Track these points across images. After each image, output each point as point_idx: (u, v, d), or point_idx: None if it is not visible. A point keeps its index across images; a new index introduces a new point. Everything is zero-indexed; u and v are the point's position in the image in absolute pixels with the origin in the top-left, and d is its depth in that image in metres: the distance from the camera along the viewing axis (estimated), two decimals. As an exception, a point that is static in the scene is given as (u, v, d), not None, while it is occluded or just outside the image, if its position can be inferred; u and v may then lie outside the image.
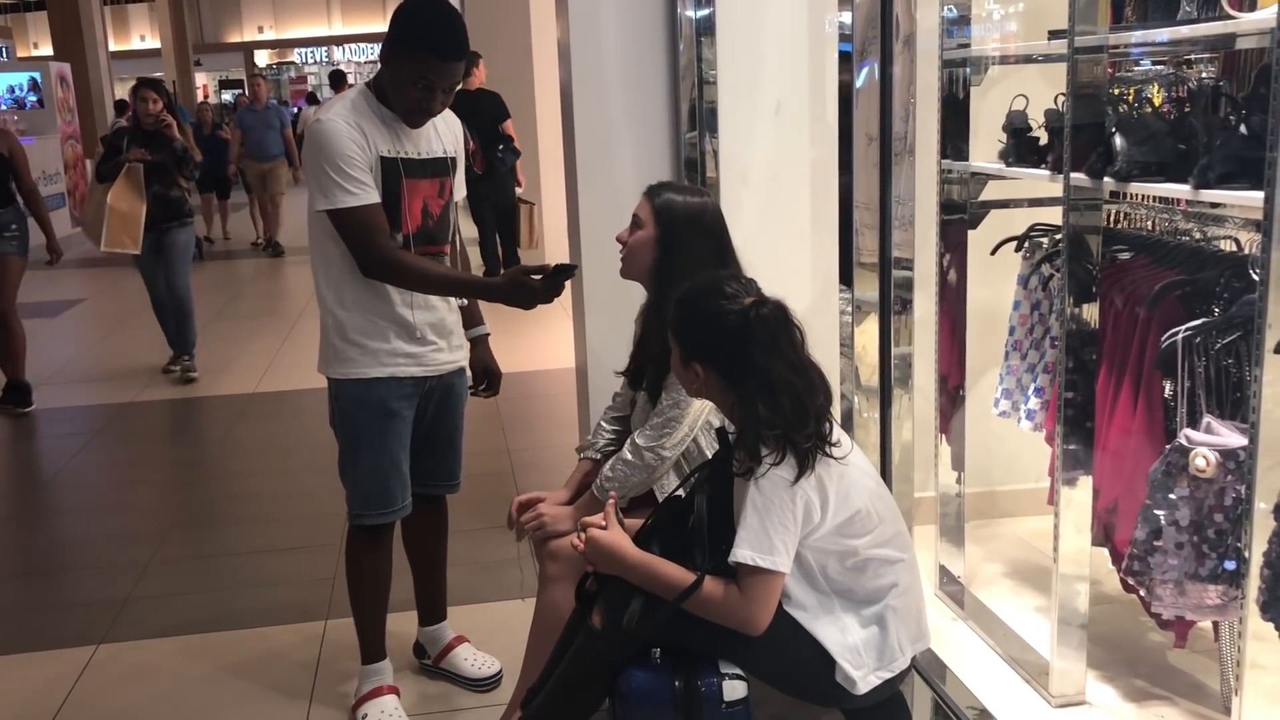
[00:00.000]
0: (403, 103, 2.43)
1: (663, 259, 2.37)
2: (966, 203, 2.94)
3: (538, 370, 5.92)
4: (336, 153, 2.37)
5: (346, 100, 2.47)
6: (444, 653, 2.88)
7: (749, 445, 1.91)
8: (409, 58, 2.37)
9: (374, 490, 2.58)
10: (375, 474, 2.57)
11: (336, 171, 2.37)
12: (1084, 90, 2.24)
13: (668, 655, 1.98)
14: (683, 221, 2.37)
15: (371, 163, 2.42)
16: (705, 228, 2.38)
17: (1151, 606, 2.22)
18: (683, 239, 2.36)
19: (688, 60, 3.47)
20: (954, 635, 2.79)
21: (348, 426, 2.58)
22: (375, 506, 2.59)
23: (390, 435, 2.56)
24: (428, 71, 2.37)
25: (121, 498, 4.60)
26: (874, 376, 2.83)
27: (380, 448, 2.56)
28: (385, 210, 2.44)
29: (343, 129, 2.38)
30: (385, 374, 2.53)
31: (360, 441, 2.56)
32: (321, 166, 2.39)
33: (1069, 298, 2.33)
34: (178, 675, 3.00)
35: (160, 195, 5.99)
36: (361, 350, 2.51)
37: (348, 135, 2.38)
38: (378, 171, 2.43)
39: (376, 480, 2.57)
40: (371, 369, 2.52)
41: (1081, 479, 2.36)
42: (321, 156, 2.38)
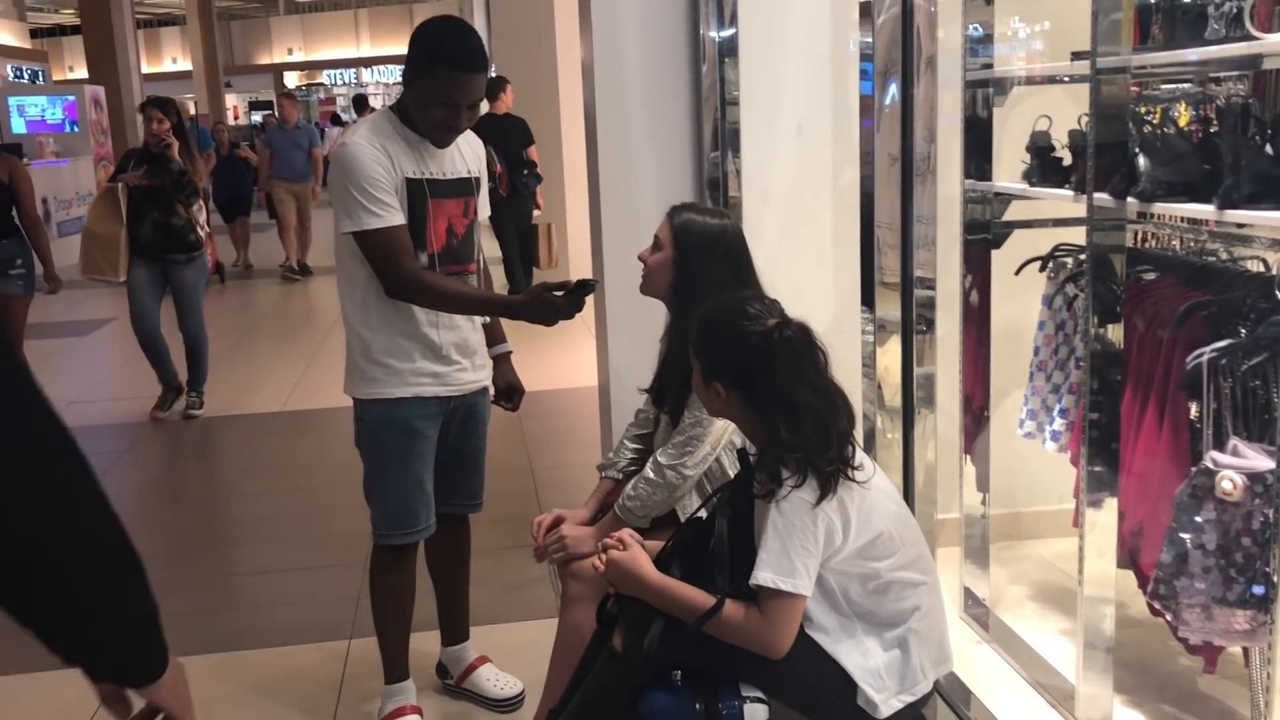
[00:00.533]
0: (429, 122, 2.45)
1: (681, 280, 2.38)
2: (990, 222, 2.93)
3: (561, 389, 5.94)
4: (362, 175, 2.40)
5: (371, 123, 2.51)
6: (466, 673, 2.89)
7: (770, 468, 1.91)
8: (430, 76, 2.40)
9: (398, 510, 2.59)
10: (399, 494, 2.58)
11: (361, 194, 2.40)
12: (1107, 111, 2.23)
13: (689, 677, 1.97)
14: (701, 244, 2.38)
15: (397, 184, 2.44)
16: (724, 250, 2.39)
17: (1179, 631, 2.19)
18: (701, 261, 2.37)
19: (710, 81, 3.49)
20: (978, 659, 2.77)
21: (373, 446, 2.59)
22: (399, 526, 2.60)
23: (414, 455, 2.58)
24: (450, 87, 2.40)
25: (148, 516, 4.64)
26: (896, 397, 2.82)
27: (404, 467, 2.57)
28: (411, 231, 2.47)
29: (368, 151, 2.41)
30: (410, 394, 2.54)
31: (385, 461, 2.58)
32: (347, 189, 2.42)
33: (1093, 318, 2.32)
34: (203, 694, 2.99)
35: (160, 223, 5.59)
36: (387, 370, 2.53)
37: (373, 158, 2.41)
38: (403, 193, 2.45)
39: (400, 500, 2.59)
40: (396, 389, 2.54)
41: (1107, 501, 2.34)
42: (347, 179, 2.42)
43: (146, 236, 5.57)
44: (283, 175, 10.66)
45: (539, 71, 9.26)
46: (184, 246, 5.68)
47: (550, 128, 9.15)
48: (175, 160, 5.48)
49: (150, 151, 5.58)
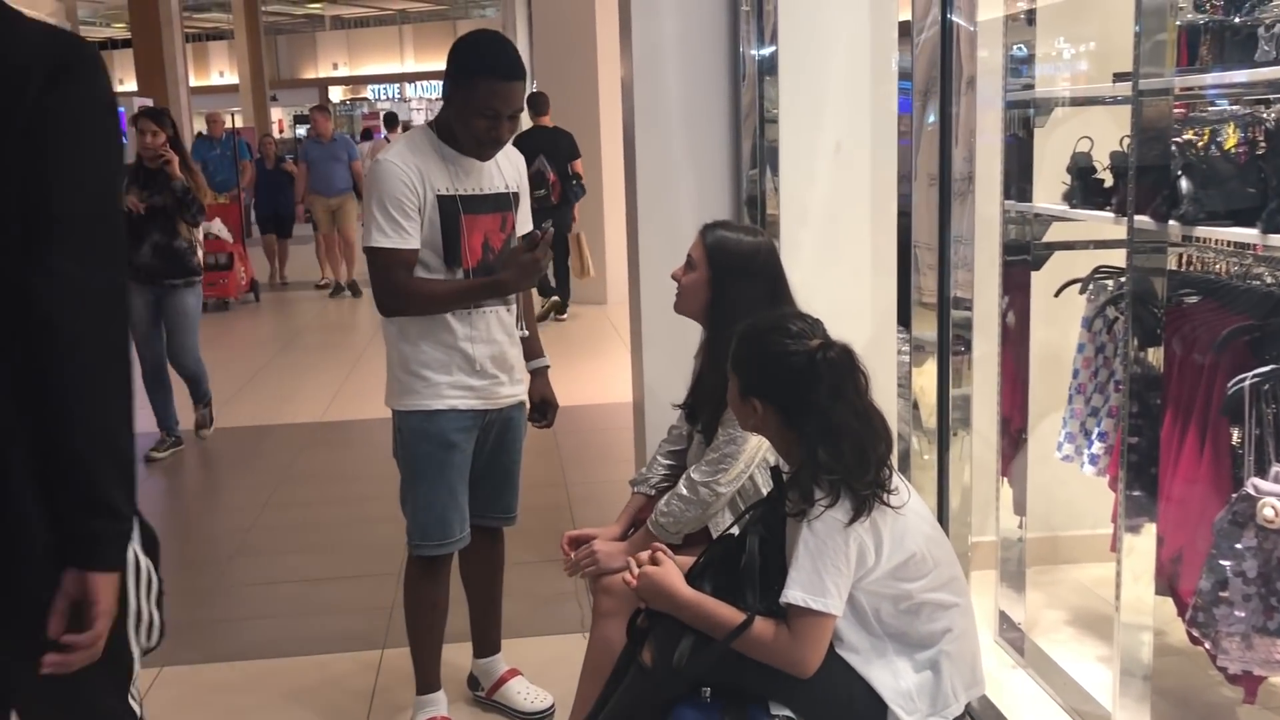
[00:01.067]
0: (472, 135, 2.48)
1: (715, 300, 2.38)
2: (1030, 244, 2.92)
3: (596, 405, 5.95)
4: (385, 193, 2.46)
5: (407, 140, 2.56)
6: (497, 685, 2.89)
7: (803, 487, 1.90)
8: (471, 87, 2.43)
9: (432, 521, 2.61)
10: (433, 505, 2.60)
11: (380, 211, 2.46)
12: (1149, 133, 2.21)
13: (718, 694, 1.96)
14: (735, 263, 2.38)
15: (425, 203, 2.48)
16: (757, 269, 2.38)
17: (1218, 660, 2.15)
18: (735, 281, 2.36)
19: (750, 99, 3.50)
20: (1013, 683, 2.74)
21: (409, 458, 2.62)
22: (433, 537, 2.62)
23: (450, 467, 2.60)
24: (491, 98, 2.43)
25: (187, 523, 4.70)
26: (932, 418, 2.80)
27: (439, 479, 2.59)
28: (444, 245, 2.50)
29: (396, 170, 2.46)
30: (446, 406, 2.56)
31: (420, 473, 2.60)
32: (370, 205, 2.49)
33: (1133, 341, 2.29)
34: (236, 700, 3.05)
35: (161, 245, 5.19)
36: (425, 383, 2.56)
37: (399, 176, 2.45)
38: (434, 210, 2.48)
39: (434, 511, 2.60)
40: (433, 401, 2.56)
41: (1145, 526, 2.31)
42: (372, 195, 2.48)
43: (144, 260, 5.14)
44: (319, 189, 10.35)
45: (580, 87, 9.32)
46: (184, 270, 5.29)
47: (590, 144, 9.21)
48: (177, 177, 5.11)
49: (146, 168, 5.20)
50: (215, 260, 9.52)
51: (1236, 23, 2.30)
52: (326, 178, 10.26)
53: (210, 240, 9.17)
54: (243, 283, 10.08)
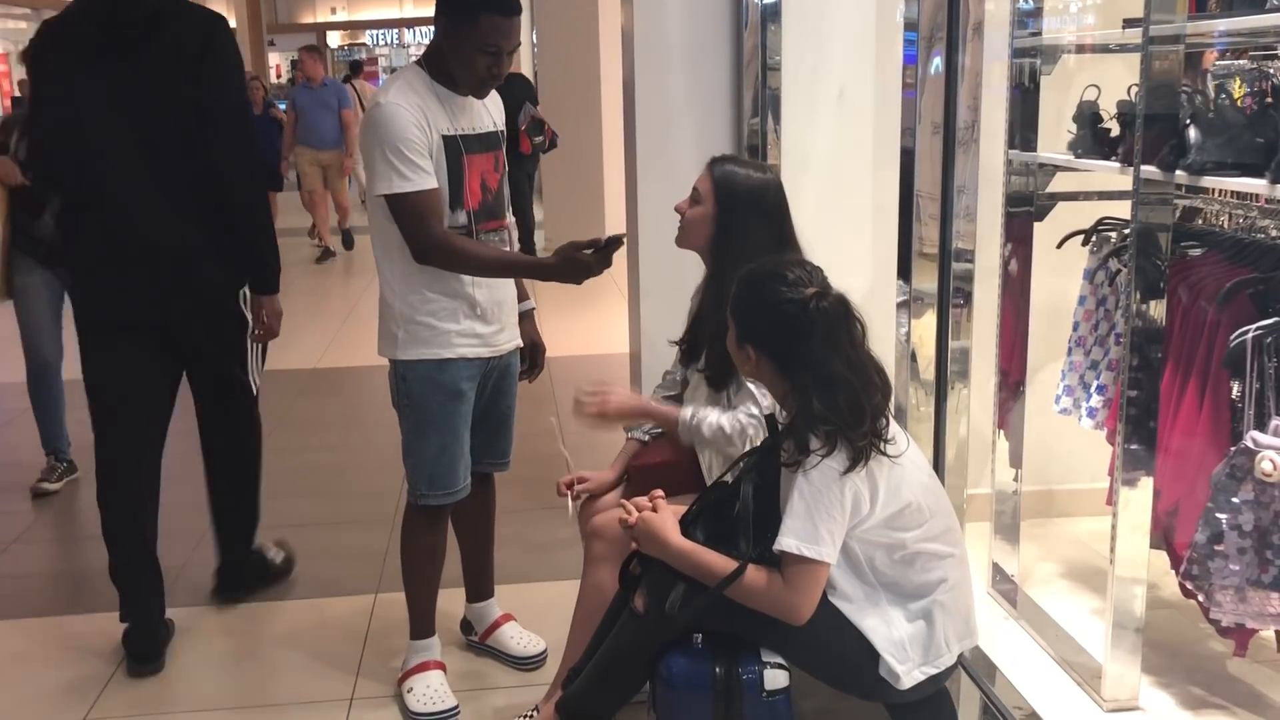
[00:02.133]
0: (471, 73, 2.43)
1: (720, 236, 2.35)
2: (1033, 194, 2.88)
3: (592, 355, 5.93)
4: (397, 136, 2.37)
5: (404, 81, 2.47)
6: (490, 630, 2.90)
7: (798, 437, 1.89)
8: (472, 23, 2.37)
9: (440, 471, 2.59)
10: (443, 455, 2.58)
11: (396, 155, 2.37)
12: (1158, 81, 2.17)
13: (709, 641, 1.97)
14: (743, 199, 2.35)
15: (432, 144, 2.42)
16: (766, 207, 2.36)
17: (1210, 613, 2.16)
18: (742, 218, 2.33)
19: (752, 45, 3.44)
20: (1005, 635, 2.75)
21: (418, 408, 2.57)
22: (440, 487, 2.60)
23: (458, 416, 2.58)
24: (495, 33, 2.38)
25: (182, 468, 4.67)
26: (930, 369, 2.78)
27: (449, 428, 2.57)
28: (449, 188, 2.46)
29: (403, 112, 2.38)
30: (456, 355, 2.54)
31: (428, 422, 2.57)
32: (381, 150, 2.39)
33: (1135, 294, 2.27)
34: (230, 642, 3.06)
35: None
36: (433, 331, 2.52)
37: (409, 119, 2.38)
38: (440, 151, 2.43)
39: (443, 461, 2.58)
40: (443, 350, 2.53)
41: (1142, 479, 2.30)
42: (382, 140, 2.39)
43: (44, 233, 3.91)
44: (309, 141, 9.32)
45: (581, 35, 9.20)
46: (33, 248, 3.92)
47: (590, 92, 9.11)
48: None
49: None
50: None
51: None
52: (315, 128, 9.25)
53: None
54: None
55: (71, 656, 3.00)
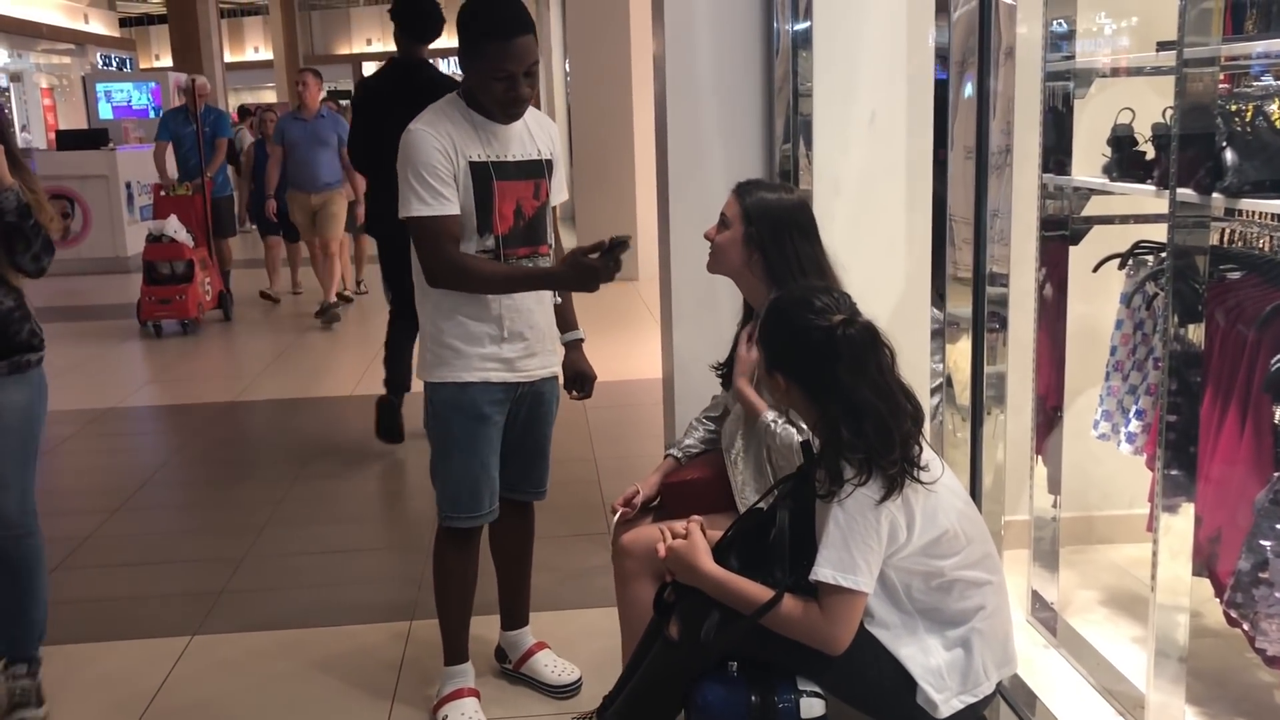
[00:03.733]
0: (492, 99, 2.47)
1: (750, 260, 2.36)
2: (1068, 218, 2.86)
3: (626, 380, 5.94)
4: (420, 161, 2.43)
5: (437, 109, 2.54)
6: (524, 658, 2.90)
7: (830, 466, 1.88)
8: (479, 52, 2.42)
9: (462, 493, 2.61)
10: (464, 478, 2.60)
11: (417, 179, 2.43)
12: (1193, 103, 2.16)
13: (745, 669, 1.96)
14: (771, 221, 2.36)
15: (458, 170, 2.46)
16: (795, 227, 2.37)
17: (1256, 641, 2.12)
18: (771, 239, 2.34)
19: (784, 72, 3.46)
20: (1045, 663, 2.71)
21: (441, 429, 2.62)
22: (463, 510, 2.63)
23: (481, 439, 2.60)
24: (501, 59, 2.41)
25: (220, 494, 4.74)
26: (966, 394, 2.76)
27: (471, 451, 2.59)
28: (477, 212, 2.49)
29: (429, 137, 2.44)
30: (478, 378, 2.56)
31: (452, 445, 2.60)
32: (406, 175, 2.46)
33: (1173, 317, 2.25)
34: (267, 668, 3.08)
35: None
36: (456, 354, 2.56)
37: (432, 143, 2.44)
38: (466, 176, 2.47)
39: (465, 484, 2.61)
40: (465, 373, 2.56)
41: (1183, 506, 2.27)
42: (407, 164, 2.46)
43: None
44: (299, 183, 7.81)
45: (613, 61, 9.27)
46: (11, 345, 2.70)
47: (623, 118, 9.17)
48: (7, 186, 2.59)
49: None
50: (171, 270, 7.86)
51: (1286, -7, 2.23)
52: (307, 167, 7.74)
53: (162, 245, 7.83)
54: (207, 298, 8.13)
55: (111, 682, 3.03)
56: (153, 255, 7.87)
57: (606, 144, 9.42)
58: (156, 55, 29.70)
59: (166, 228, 7.83)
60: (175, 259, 7.83)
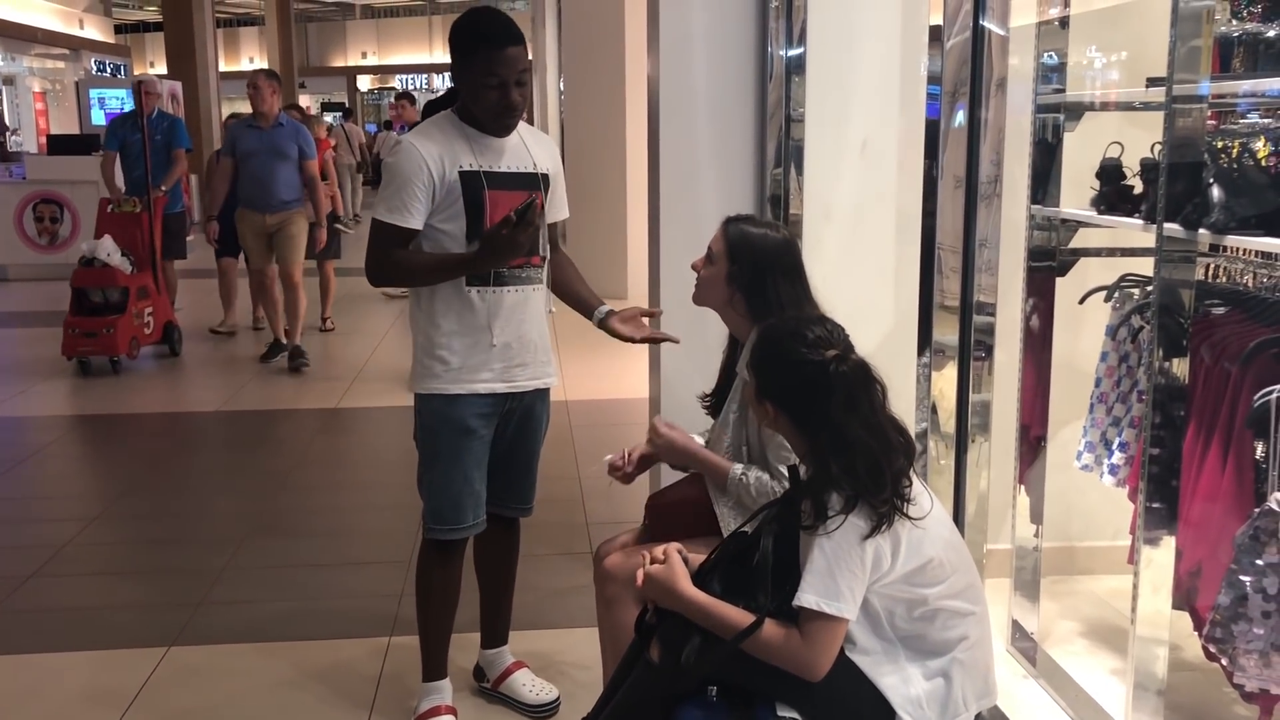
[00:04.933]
0: (486, 110, 2.50)
1: (734, 296, 2.37)
2: (1055, 249, 2.88)
3: (612, 399, 5.94)
4: (399, 170, 2.50)
5: (431, 122, 2.59)
6: (503, 677, 2.89)
7: (815, 499, 1.88)
8: (471, 61, 2.46)
9: (446, 506, 2.61)
10: (448, 489, 2.60)
11: (389, 188, 2.51)
12: (1181, 139, 2.18)
13: (724, 694, 1.95)
14: (756, 259, 2.37)
15: (446, 180, 2.50)
16: (781, 266, 2.37)
17: (1234, 677, 2.12)
18: (756, 277, 2.35)
19: (776, 98, 3.47)
20: (1024, 694, 2.71)
21: (428, 441, 2.63)
22: (447, 521, 2.62)
23: (466, 452, 2.60)
24: (493, 65, 2.44)
25: (203, 504, 4.72)
26: (951, 422, 2.78)
27: (455, 464, 2.59)
28: (468, 220, 2.52)
29: (414, 151, 2.50)
30: (466, 390, 2.57)
31: (438, 457, 2.61)
32: (384, 180, 2.54)
33: (1158, 351, 2.26)
34: (245, 681, 3.05)
35: None
36: (445, 366, 2.57)
37: (415, 157, 2.49)
38: (455, 185, 2.51)
39: (450, 496, 2.61)
40: (452, 385, 2.57)
41: (1164, 539, 2.28)
42: (387, 171, 2.54)
43: None
44: (253, 202, 6.70)
45: (608, 81, 9.31)
46: None
47: (615, 138, 9.19)
48: None
49: None
50: (103, 299, 6.82)
51: (1271, 35, 2.26)
52: (262, 182, 6.63)
53: (93, 269, 6.78)
54: (146, 331, 7.06)
55: (86, 691, 3.00)
56: (82, 281, 6.82)
57: (599, 163, 9.44)
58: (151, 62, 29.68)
59: (99, 250, 6.78)
60: (108, 285, 6.81)
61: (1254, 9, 2.34)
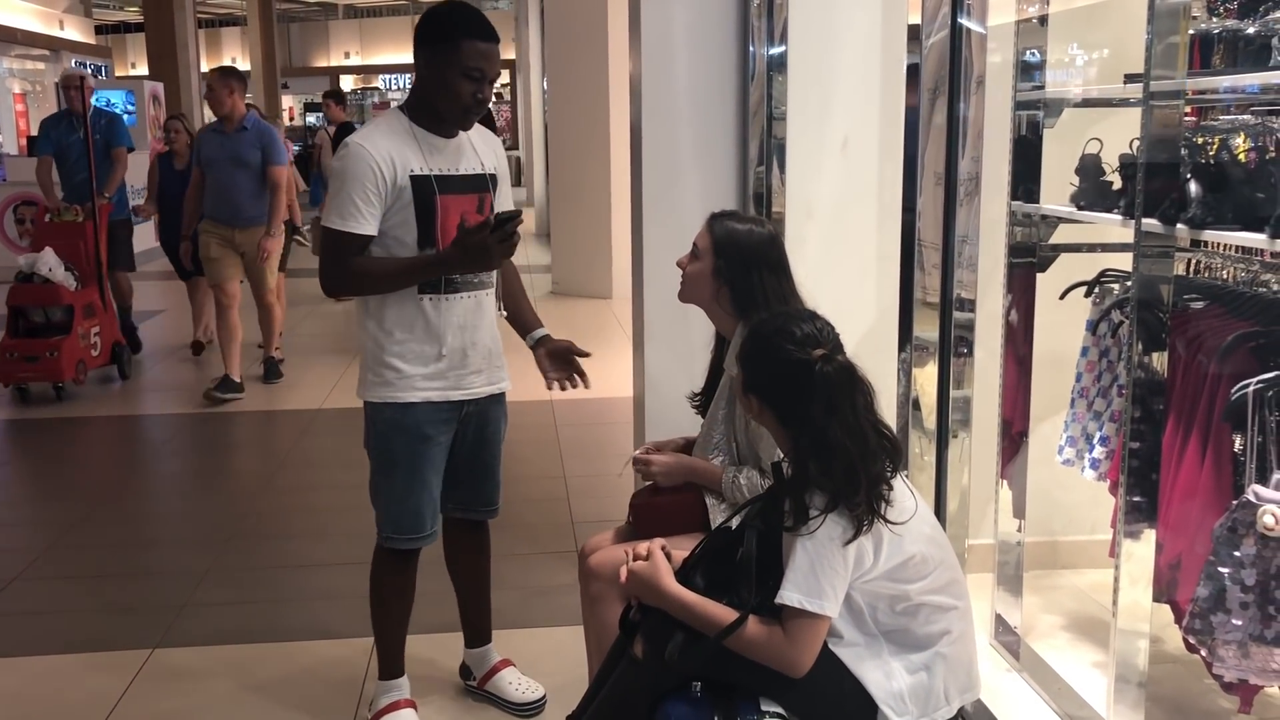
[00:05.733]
0: (457, 101, 2.44)
1: (719, 292, 2.38)
2: (1035, 245, 2.90)
3: (597, 398, 5.92)
4: (350, 175, 2.43)
5: (378, 122, 2.54)
6: (489, 675, 2.89)
7: (796, 500, 1.88)
8: (454, 50, 2.40)
9: (405, 514, 2.61)
10: (408, 499, 2.59)
11: (340, 192, 2.44)
12: (1159, 135, 2.19)
13: (708, 689, 1.96)
14: (742, 254, 2.37)
15: (397, 183, 2.44)
16: (765, 262, 2.37)
17: (1214, 668, 2.14)
18: (747, 272, 2.36)
19: (758, 96, 3.49)
20: (1007, 687, 2.72)
21: (383, 450, 2.60)
22: (405, 531, 2.62)
23: (424, 460, 2.58)
24: (477, 59, 2.41)
25: (186, 506, 4.70)
26: (932, 418, 2.79)
27: (414, 473, 2.58)
28: (418, 226, 2.47)
29: (363, 154, 2.43)
30: (421, 398, 2.54)
31: (394, 466, 2.58)
32: (333, 185, 2.47)
33: (1138, 346, 2.28)
34: (228, 683, 3.04)
35: None
36: (398, 374, 2.53)
37: (366, 160, 2.42)
38: (407, 190, 2.45)
39: (408, 505, 2.60)
40: (407, 393, 2.54)
41: (1145, 532, 2.29)
42: (335, 176, 2.46)
43: None
44: (217, 213, 5.98)
45: (591, 81, 9.31)
46: None
47: (599, 137, 9.20)
48: None
49: None
50: (45, 318, 6.13)
51: (1250, 32, 2.27)
52: (225, 193, 5.94)
53: (33, 286, 6.08)
54: (94, 353, 6.36)
55: (70, 694, 2.99)
56: (20, 299, 6.11)
57: (583, 162, 9.45)
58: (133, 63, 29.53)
59: (39, 264, 6.05)
60: (50, 304, 6.11)
61: (1229, 5, 2.35)
